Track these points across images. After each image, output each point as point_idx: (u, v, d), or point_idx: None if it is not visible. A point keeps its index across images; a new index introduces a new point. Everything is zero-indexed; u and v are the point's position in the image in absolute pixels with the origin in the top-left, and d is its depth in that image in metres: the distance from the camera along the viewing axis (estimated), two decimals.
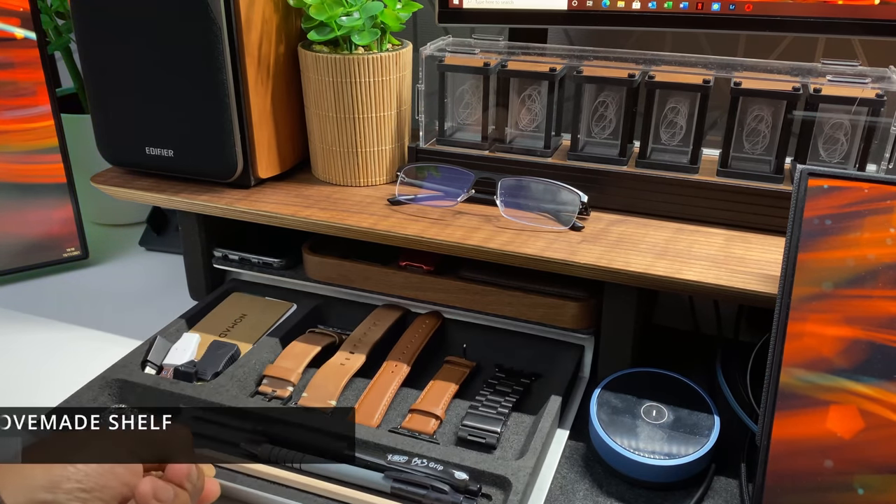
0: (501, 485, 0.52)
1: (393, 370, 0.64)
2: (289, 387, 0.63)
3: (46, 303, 0.80)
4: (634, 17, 0.71)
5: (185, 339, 0.68)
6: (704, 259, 0.59)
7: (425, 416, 0.59)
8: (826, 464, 0.46)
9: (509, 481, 0.52)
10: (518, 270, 0.63)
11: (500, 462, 0.53)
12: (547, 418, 0.57)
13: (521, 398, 0.62)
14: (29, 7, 0.75)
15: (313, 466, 0.54)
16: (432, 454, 0.54)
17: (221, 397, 0.60)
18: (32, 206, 0.81)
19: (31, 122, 0.78)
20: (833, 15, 0.66)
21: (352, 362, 0.65)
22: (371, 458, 0.54)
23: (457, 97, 0.74)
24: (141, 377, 0.63)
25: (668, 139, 0.68)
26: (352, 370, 0.64)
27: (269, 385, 0.63)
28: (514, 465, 0.53)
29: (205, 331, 0.71)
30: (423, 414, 0.60)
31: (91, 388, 0.62)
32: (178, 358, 0.66)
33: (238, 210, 0.69)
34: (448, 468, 0.52)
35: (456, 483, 0.51)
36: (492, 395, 0.62)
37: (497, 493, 0.52)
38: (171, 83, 0.68)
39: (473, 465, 0.53)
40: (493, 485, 0.52)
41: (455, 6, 0.77)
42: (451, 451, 0.55)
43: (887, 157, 0.60)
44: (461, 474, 0.52)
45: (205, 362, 0.65)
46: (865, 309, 0.47)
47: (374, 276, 0.69)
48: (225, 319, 0.73)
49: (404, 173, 0.71)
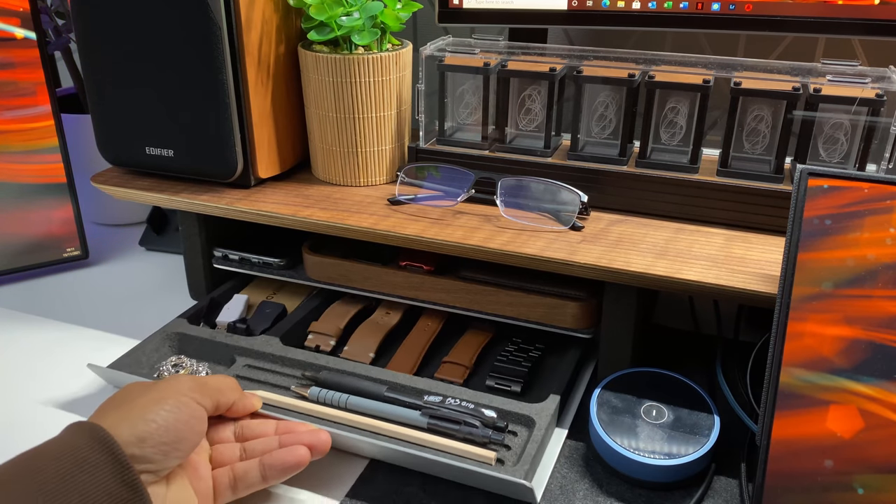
0: (526, 423, 0.58)
1: (425, 328, 0.70)
2: (331, 341, 0.69)
3: (46, 303, 0.80)
4: (634, 17, 0.72)
5: (235, 300, 0.74)
6: (704, 259, 0.59)
7: (456, 366, 0.66)
8: (826, 463, 0.46)
9: (533, 420, 0.57)
10: (518, 270, 0.63)
11: (523, 404, 0.59)
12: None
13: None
14: (29, 7, 0.75)
15: (357, 405, 0.60)
16: (463, 397, 0.59)
17: (272, 349, 0.66)
18: (32, 206, 0.81)
19: (31, 122, 0.78)
20: (833, 15, 0.66)
21: (388, 321, 0.71)
22: (408, 398, 0.59)
23: (457, 97, 0.74)
24: (198, 331, 0.69)
25: (668, 139, 0.68)
26: (387, 327, 0.70)
27: (314, 340, 0.69)
28: (537, 406, 0.59)
29: (253, 293, 0.77)
30: (453, 364, 0.66)
31: (153, 340, 0.67)
32: (230, 316, 0.72)
33: (238, 210, 0.69)
34: (478, 407, 0.58)
35: (485, 419, 0.57)
36: (514, 352, 0.67)
37: (522, 429, 0.58)
38: (171, 83, 0.68)
39: (500, 406, 0.58)
40: (519, 423, 0.58)
41: (455, 6, 0.77)
42: (480, 396, 0.60)
43: (887, 157, 0.60)
44: (490, 412, 0.57)
45: (255, 320, 0.72)
46: (865, 309, 0.47)
47: (374, 276, 0.69)
48: (271, 283, 0.78)
49: (404, 173, 0.71)
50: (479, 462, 0.54)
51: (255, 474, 0.51)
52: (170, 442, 0.46)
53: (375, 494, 0.54)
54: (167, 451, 0.45)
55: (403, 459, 0.55)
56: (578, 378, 0.66)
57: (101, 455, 0.42)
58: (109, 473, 0.42)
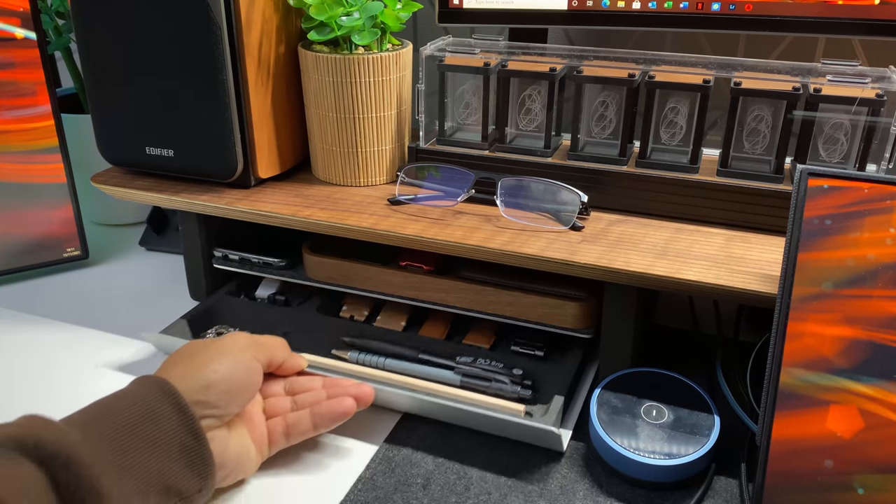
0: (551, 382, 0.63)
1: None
2: (364, 311, 0.73)
3: (46, 303, 0.80)
4: (634, 17, 0.72)
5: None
6: (704, 259, 0.59)
7: (482, 333, 0.70)
8: (826, 463, 0.46)
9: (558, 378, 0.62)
10: (518, 270, 0.63)
11: (548, 364, 0.65)
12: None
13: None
14: (29, 7, 0.75)
15: (393, 366, 0.65)
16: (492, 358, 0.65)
17: (310, 318, 0.72)
18: (32, 206, 0.81)
19: (31, 122, 0.78)
20: (833, 15, 0.66)
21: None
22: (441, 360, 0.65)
23: (457, 97, 0.74)
24: (239, 302, 0.75)
25: (668, 139, 0.68)
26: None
27: (349, 311, 0.73)
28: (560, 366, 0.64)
29: None
30: (480, 332, 0.70)
31: (196, 311, 0.72)
32: (268, 290, 0.76)
33: (238, 210, 0.69)
34: (507, 366, 0.63)
35: (513, 377, 0.62)
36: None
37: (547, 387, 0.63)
38: (171, 83, 0.68)
39: (525, 366, 0.64)
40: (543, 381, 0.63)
41: (455, 6, 0.77)
42: (507, 357, 0.66)
43: (887, 157, 0.60)
44: (517, 370, 0.63)
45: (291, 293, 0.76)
46: (865, 309, 0.47)
47: (374, 276, 0.69)
48: None
49: (404, 173, 0.71)
50: (510, 413, 0.58)
51: (306, 423, 0.56)
52: (231, 391, 0.51)
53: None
54: (229, 400, 0.51)
55: (440, 412, 0.60)
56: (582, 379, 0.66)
57: (168, 406, 0.47)
58: (176, 423, 0.47)
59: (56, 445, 0.41)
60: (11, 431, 0.42)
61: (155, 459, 0.45)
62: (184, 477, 0.47)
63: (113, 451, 0.44)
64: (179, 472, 0.47)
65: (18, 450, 0.41)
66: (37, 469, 0.41)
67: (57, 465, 0.41)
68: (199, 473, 0.48)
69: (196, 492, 0.48)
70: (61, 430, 0.43)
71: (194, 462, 0.47)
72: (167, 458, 0.46)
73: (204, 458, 0.48)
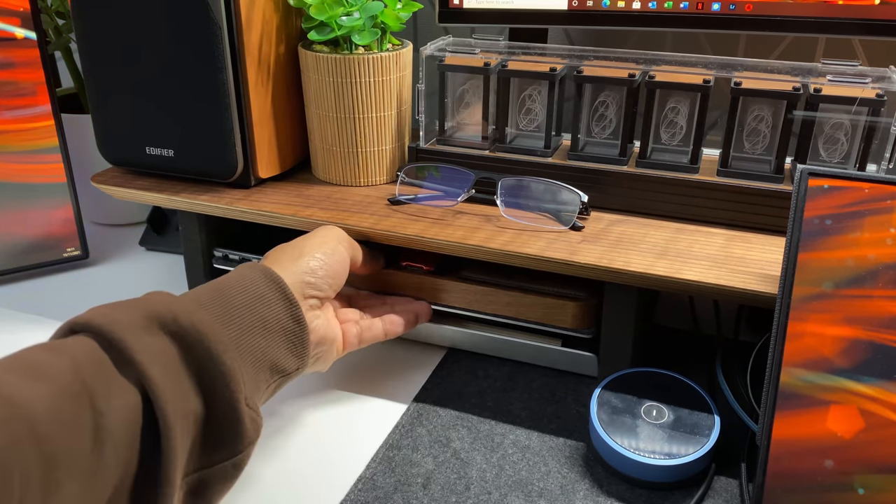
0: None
1: None
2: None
3: (46, 303, 0.80)
4: (634, 17, 0.72)
5: None
6: (704, 259, 0.59)
7: None
8: (826, 464, 0.46)
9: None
10: (518, 270, 0.63)
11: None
12: None
13: None
14: (29, 7, 0.75)
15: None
16: None
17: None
18: (32, 206, 0.81)
19: (31, 122, 0.78)
20: (833, 15, 0.66)
21: None
22: None
23: (457, 97, 0.74)
24: None
25: (669, 139, 0.68)
26: None
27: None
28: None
29: None
30: None
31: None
32: None
33: (238, 210, 0.69)
34: None
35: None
36: None
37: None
38: (171, 83, 0.68)
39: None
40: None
41: (455, 6, 0.77)
42: None
43: (887, 157, 0.60)
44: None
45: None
46: (866, 309, 0.47)
47: (374, 276, 0.69)
48: None
49: (404, 173, 0.71)
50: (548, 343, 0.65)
51: (378, 328, 0.63)
52: (331, 275, 0.57)
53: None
54: (330, 283, 0.57)
55: (482, 343, 0.67)
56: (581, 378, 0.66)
57: (275, 293, 0.52)
58: (282, 308, 0.52)
59: (189, 321, 0.45)
60: (150, 305, 0.46)
61: (264, 340, 0.50)
62: (286, 357, 0.52)
63: (232, 330, 0.48)
64: (283, 352, 0.51)
65: (158, 323, 0.44)
66: (171, 342, 0.44)
67: (189, 340, 0.45)
68: (298, 354, 0.53)
69: (294, 370, 0.53)
70: (193, 306, 0.47)
71: (295, 344, 0.52)
72: (273, 340, 0.50)
73: (304, 341, 0.53)
